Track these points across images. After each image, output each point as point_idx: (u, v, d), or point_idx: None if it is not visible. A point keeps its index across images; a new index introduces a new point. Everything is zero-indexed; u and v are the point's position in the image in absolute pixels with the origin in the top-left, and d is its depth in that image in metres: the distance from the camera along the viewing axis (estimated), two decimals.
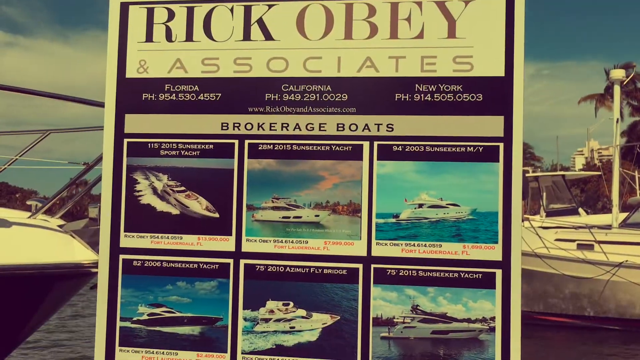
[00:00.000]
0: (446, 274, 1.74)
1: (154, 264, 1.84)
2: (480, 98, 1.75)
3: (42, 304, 5.90)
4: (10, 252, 5.20)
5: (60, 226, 5.80)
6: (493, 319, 1.72)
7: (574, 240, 13.52)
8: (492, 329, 1.71)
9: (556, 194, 16.60)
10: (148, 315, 1.83)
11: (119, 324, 1.84)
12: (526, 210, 14.89)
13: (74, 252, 5.26)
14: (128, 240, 1.86)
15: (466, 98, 1.75)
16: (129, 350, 1.83)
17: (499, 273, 1.72)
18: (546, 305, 13.36)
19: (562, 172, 19.82)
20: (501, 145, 1.74)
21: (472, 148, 1.75)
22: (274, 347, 1.79)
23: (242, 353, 1.79)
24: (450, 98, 1.76)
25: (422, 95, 1.77)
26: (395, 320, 1.75)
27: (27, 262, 5.53)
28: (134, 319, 1.84)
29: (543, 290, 12.93)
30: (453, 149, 1.76)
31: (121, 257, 1.86)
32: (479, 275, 1.73)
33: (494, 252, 1.73)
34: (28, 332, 6.26)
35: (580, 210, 15.95)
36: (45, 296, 5.80)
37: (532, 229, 12.12)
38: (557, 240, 13.41)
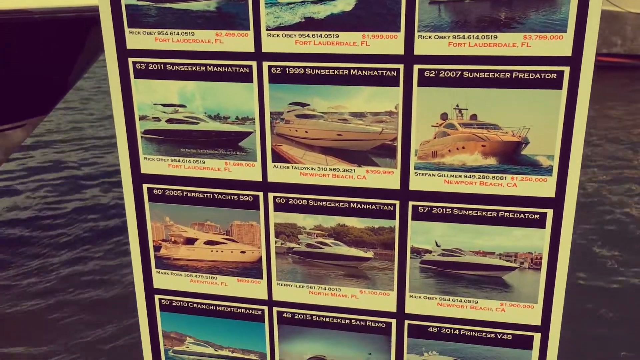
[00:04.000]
0: None
1: None
2: None
3: (82, 49, 5.80)
4: None
5: None
6: None
7: None
8: None
9: None
10: None
11: (123, 2, 1.60)
12: None
13: None
14: None
15: None
16: (140, 32, 1.61)
17: None
18: (604, 45, 12.65)
19: None
20: None
21: None
22: (303, 20, 1.53)
23: (266, 30, 1.55)
24: None
25: None
26: None
27: (63, 5, 5.29)
28: None
29: (601, 30, 12.14)
30: None
31: None
32: None
33: None
34: (74, 78, 6.29)
35: None
36: (84, 40, 5.68)
37: None
38: None
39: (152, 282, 1.86)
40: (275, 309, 1.80)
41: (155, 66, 1.64)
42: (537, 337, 1.65)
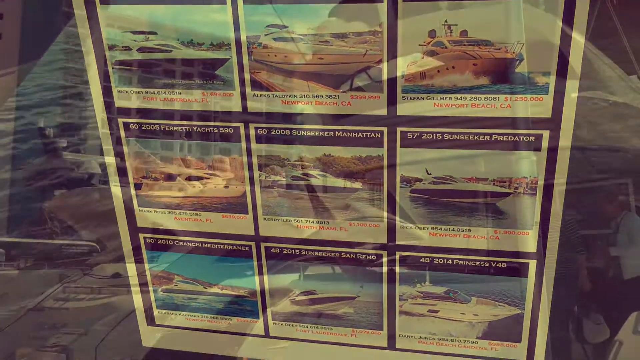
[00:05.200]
0: None
1: None
2: None
3: None
4: None
5: None
6: None
7: None
8: None
9: None
10: None
11: None
12: None
13: None
14: None
15: None
16: None
17: None
18: None
19: None
20: None
21: None
22: None
23: None
24: None
25: None
26: None
27: None
28: None
29: None
30: None
31: None
32: None
33: None
34: (63, 21, 6.09)
35: None
36: None
37: None
38: None
39: (135, 221, 1.81)
40: (262, 245, 1.75)
41: None
42: (532, 264, 1.59)
